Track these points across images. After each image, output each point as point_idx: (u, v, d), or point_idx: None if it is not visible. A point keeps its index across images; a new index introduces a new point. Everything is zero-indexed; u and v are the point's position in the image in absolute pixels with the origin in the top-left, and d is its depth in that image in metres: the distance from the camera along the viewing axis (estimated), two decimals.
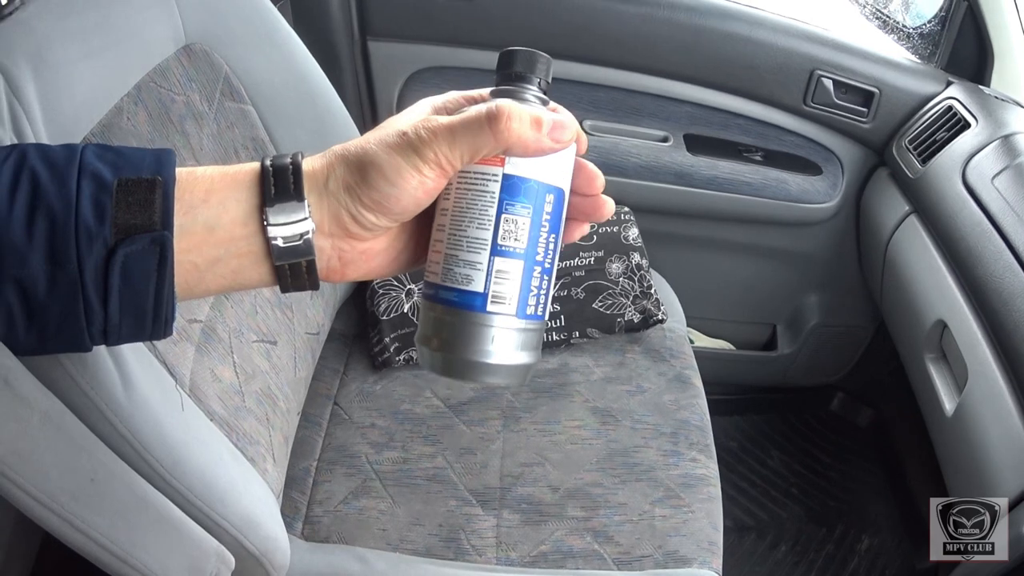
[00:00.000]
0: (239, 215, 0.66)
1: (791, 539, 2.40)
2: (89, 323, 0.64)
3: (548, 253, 0.71)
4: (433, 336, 0.72)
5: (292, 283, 0.69)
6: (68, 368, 0.91)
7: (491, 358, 0.70)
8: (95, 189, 0.62)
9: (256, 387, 1.39)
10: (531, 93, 0.72)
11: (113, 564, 0.99)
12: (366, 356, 1.84)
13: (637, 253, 1.96)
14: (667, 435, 1.70)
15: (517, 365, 0.72)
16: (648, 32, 2.10)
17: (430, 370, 0.74)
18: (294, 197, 0.66)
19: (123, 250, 0.62)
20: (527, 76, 0.72)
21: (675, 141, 2.23)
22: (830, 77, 2.14)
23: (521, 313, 0.70)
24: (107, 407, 0.96)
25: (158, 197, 0.63)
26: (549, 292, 0.73)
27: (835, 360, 2.70)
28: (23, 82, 0.97)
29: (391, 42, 2.15)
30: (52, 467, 0.88)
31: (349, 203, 0.67)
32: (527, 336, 0.72)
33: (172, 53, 1.37)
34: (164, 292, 0.65)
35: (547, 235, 0.71)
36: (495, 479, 1.60)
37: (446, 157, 0.66)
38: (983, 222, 1.72)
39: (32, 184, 0.61)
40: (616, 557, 1.49)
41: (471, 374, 0.72)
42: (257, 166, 0.68)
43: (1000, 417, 1.56)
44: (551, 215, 0.71)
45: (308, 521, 1.52)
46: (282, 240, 0.66)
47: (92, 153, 0.64)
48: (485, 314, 0.70)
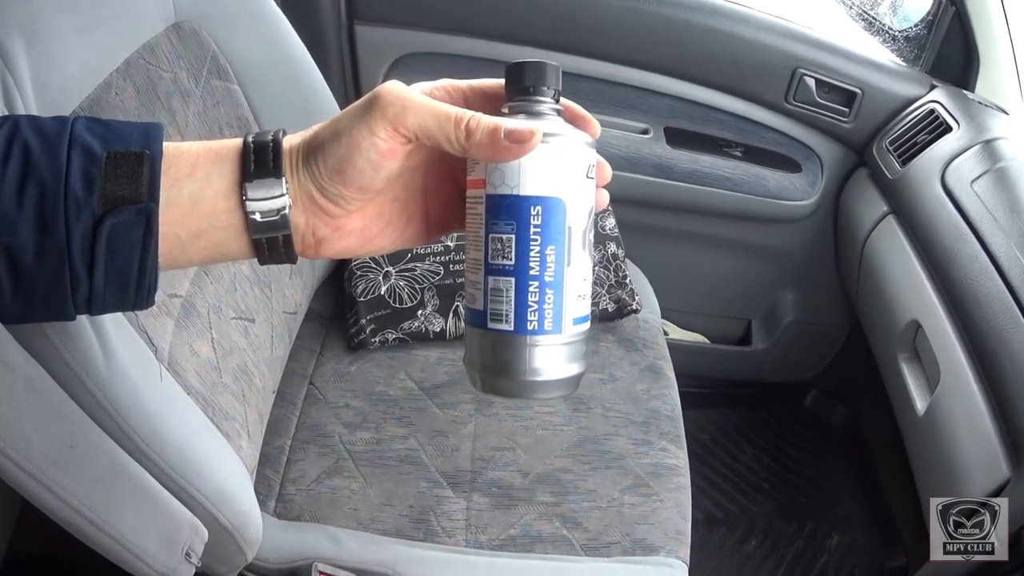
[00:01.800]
0: (221, 189, 0.68)
1: (761, 533, 2.42)
2: (74, 291, 0.65)
3: (547, 266, 0.70)
4: (465, 353, 0.76)
5: (269, 256, 0.71)
6: (51, 338, 0.92)
7: (502, 373, 0.72)
8: (84, 161, 0.63)
9: (233, 363, 1.40)
10: (546, 106, 0.73)
11: (89, 531, 1.01)
12: (342, 337, 1.85)
13: (613, 243, 1.97)
14: (638, 424, 1.71)
15: (528, 381, 0.71)
16: (633, 25, 2.10)
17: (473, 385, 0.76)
18: (272, 174, 0.68)
19: (110, 220, 0.63)
20: (540, 89, 0.73)
21: (655, 134, 2.24)
22: (813, 76, 2.15)
23: (522, 329, 0.70)
24: (87, 377, 0.97)
25: (145, 170, 0.64)
26: (560, 304, 0.71)
27: (809, 357, 2.72)
28: (16, 54, 0.97)
29: (377, 26, 2.15)
30: (33, 432, 0.90)
31: (313, 175, 0.69)
32: (540, 350, 0.71)
33: (161, 30, 1.37)
34: (148, 262, 0.66)
35: (541, 247, 0.70)
36: (466, 462, 1.61)
37: (402, 122, 0.67)
38: (960, 224, 1.74)
39: (24, 154, 0.63)
40: (584, 543, 1.51)
41: (489, 387, 0.74)
42: (240, 142, 0.69)
43: (971, 417, 1.57)
44: (542, 227, 0.69)
45: (281, 499, 1.53)
46: (260, 215, 0.68)
47: (82, 126, 0.65)
48: (487, 331, 0.71)
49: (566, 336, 0.72)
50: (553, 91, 0.73)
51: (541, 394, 0.73)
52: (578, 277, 0.72)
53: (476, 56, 2.16)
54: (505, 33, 2.12)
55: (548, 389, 0.73)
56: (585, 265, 0.73)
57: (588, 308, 0.74)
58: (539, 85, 0.73)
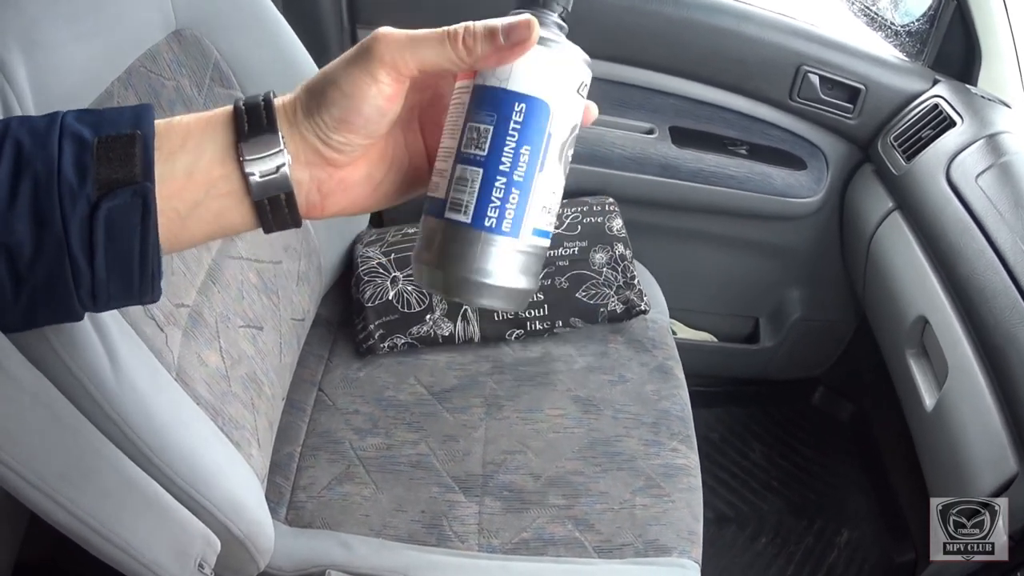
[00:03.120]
0: (216, 155, 0.67)
1: (771, 531, 2.41)
2: (77, 285, 0.64)
3: (518, 165, 0.69)
4: (416, 245, 0.73)
5: (274, 220, 0.70)
6: (57, 349, 0.92)
7: (449, 268, 0.70)
8: (76, 149, 0.63)
9: (242, 372, 1.39)
10: (551, 18, 0.72)
11: (100, 545, 1.00)
12: (351, 343, 1.85)
13: (621, 244, 1.96)
14: (648, 425, 1.71)
15: (474, 280, 0.69)
16: (636, 25, 2.10)
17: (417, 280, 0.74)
18: (267, 130, 0.67)
19: (106, 204, 0.62)
20: (548, 3, 0.72)
21: (661, 133, 2.23)
22: (816, 73, 2.15)
23: (479, 223, 0.69)
24: (95, 388, 0.97)
25: (138, 150, 0.63)
26: (523, 208, 0.69)
27: (817, 354, 2.71)
28: (14, 64, 0.96)
29: None
30: (41, 448, 0.89)
31: (316, 126, 0.68)
32: (492, 250, 0.69)
33: (162, 38, 1.37)
34: (149, 244, 0.65)
35: (516, 145, 0.68)
36: (477, 466, 1.61)
37: (402, 61, 0.66)
38: (966, 220, 1.73)
39: (15, 151, 0.62)
40: (597, 545, 1.50)
41: (433, 282, 0.72)
42: (230, 108, 0.69)
43: (979, 413, 1.57)
44: (522, 125, 0.68)
45: (292, 506, 1.53)
46: (259, 174, 0.67)
47: (72, 117, 0.65)
48: (442, 220, 0.70)
49: (522, 243, 0.70)
50: (561, 7, 0.73)
51: (484, 299, 0.71)
52: (547, 187, 0.71)
53: None
54: None
55: (492, 295, 0.70)
56: (557, 178, 0.71)
57: (551, 224, 0.73)
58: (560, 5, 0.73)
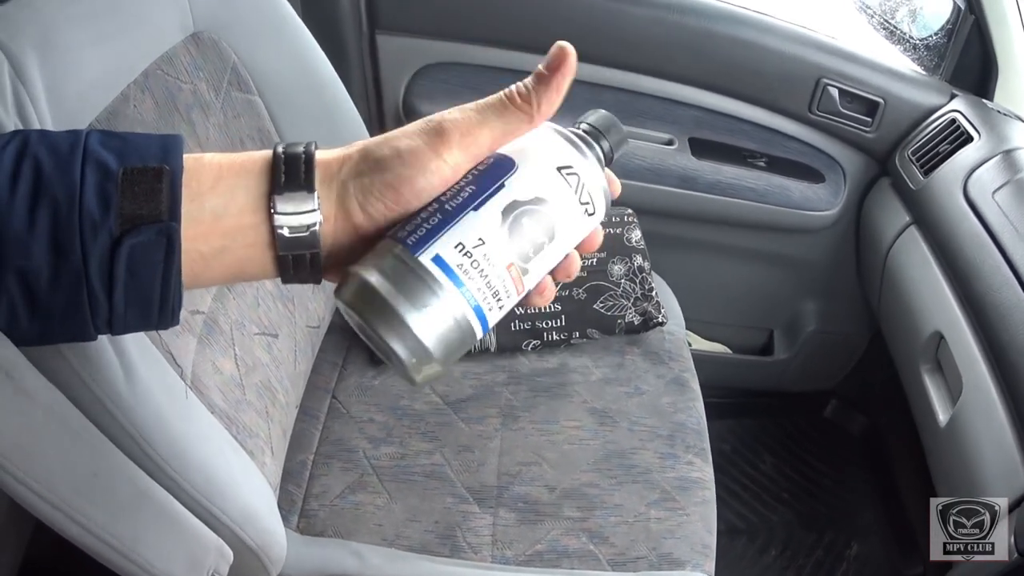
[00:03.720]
0: (247, 203, 0.65)
1: (781, 543, 2.40)
2: (94, 314, 0.63)
3: (456, 196, 0.67)
4: None
5: (295, 275, 0.68)
6: (70, 360, 0.90)
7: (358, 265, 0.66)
8: (99, 178, 0.61)
9: (256, 380, 1.38)
10: (593, 153, 0.72)
11: (113, 558, 0.99)
12: (365, 350, 1.83)
13: (639, 255, 1.95)
14: (664, 437, 1.70)
15: (361, 281, 0.65)
16: (657, 35, 2.10)
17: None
18: (304, 187, 0.65)
19: (129, 241, 0.61)
20: (599, 135, 0.73)
21: (680, 144, 2.23)
22: (836, 86, 2.14)
23: (393, 232, 0.66)
24: (109, 400, 0.95)
25: (165, 186, 0.62)
26: (436, 231, 0.65)
27: (830, 367, 2.71)
28: (29, 66, 0.95)
29: (399, 36, 2.14)
30: (55, 462, 0.87)
31: (360, 190, 0.66)
32: (390, 262, 0.65)
33: (180, 41, 1.36)
34: (171, 283, 0.64)
35: (464, 183, 0.67)
36: (492, 477, 1.60)
37: (472, 138, 0.66)
38: (982, 236, 1.73)
39: (35, 172, 0.60)
40: (611, 558, 1.50)
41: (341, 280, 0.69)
42: (268, 154, 0.67)
43: (993, 430, 1.56)
44: (481, 171, 0.68)
45: (304, 515, 1.52)
46: (288, 230, 0.65)
47: (96, 140, 0.63)
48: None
49: (417, 261, 0.65)
50: (608, 146, 0.74)
51: (356, 305, 0.66)
52: (474, 230, 0.66)
53: (499, 66, 2.15)
54: (528, 43, 2.10)
55: (364, 303, 0.65)
56: (492, 231, 0.66)
57: (470, 276, 0.66)
58: (604, 133, 0.74)
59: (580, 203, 0.69)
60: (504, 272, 0.67)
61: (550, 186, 0.69)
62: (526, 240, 0.68)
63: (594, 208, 0.71)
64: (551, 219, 0.69)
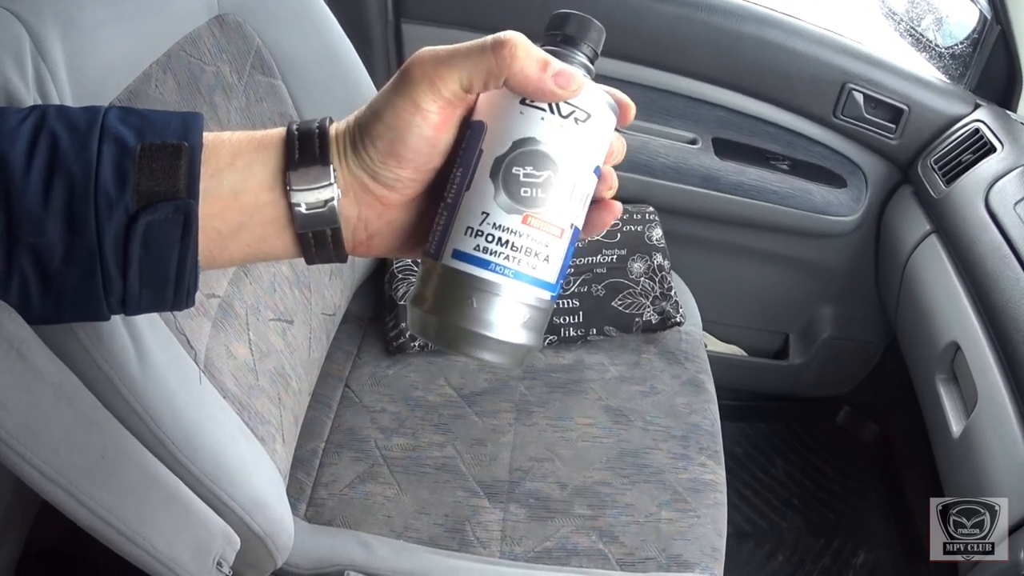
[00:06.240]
0: (265, 179, 0.64)
1: (788, 549, 2.40)
2: (107, 293, 0.62)
3: (452, 187, 0.66)
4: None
5: (317, 253, 0.67)
6: (83, 340, 0.89)
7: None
8: (117, 154, 0.60)
9: (270, 366, 1.38)
10: (578, 60, 0.69)
11: (119, 542, 0.98)
12: (380, 340, 1.83)
13: (660, 254, 1.95)
14: (678, 438, 1.69)
15: (417, 308, 0.67)
16: (685, 33, 2.09)
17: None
18: (319, 162, 0.64)
19: (145, 218, 0.60)
20: (577, 41, 0.70)
21: (703, 144, 2.22)
22: (861, 91, 2.13)
23: (426, 249, 0.67)
24: (121, 381, 0.94)
25: (183, 163, 0.61)
26: (446, 229, 0.66)
27: (844, 373, 2.69)
28: (50, 42, 0.94)
29: (425, 25, 2.14)
30: (62, 442, 0.86)
31: (364, 161, 0.65)
32: (429, 274, 0.67)
33: (204, 22, 1.35)
34: (187, 263, 0.63)
35: (454, 168, 0.67)
36: (504, 472, 1.59)
37: (440, 79, 0.63)
38: (1003, 247, 1.72)
39: (51, 147, 0.59)
40: (620, 558, 1.49)
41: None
42: (283, 130, 0.66)
43: (1006, 443, 1.55)
44: (464, 149, 0.67)
45: (312, 503, 1.52)
46: (305, 206, 0.64)
47: (115, 116, 0.62)
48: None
49: (444, 269, 0.66)
50: (591, 49, 0.71)
51: (426, 336, 0.68)
52: (475, 210, 0.65)
53: None
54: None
55: (428, 334, 0.68)
56: (500, 204, 0.65)
57: (488, 253, 0.65)
58: (578, 38, 0.70)
59: (561, 117, 0.66)
60: (524, 228, 0.65)
61: (520, 123, 0.66)
62: (527, 186, 0.66)
63: (585, 113, 0.66)
64: (538, 153, 0.66)
